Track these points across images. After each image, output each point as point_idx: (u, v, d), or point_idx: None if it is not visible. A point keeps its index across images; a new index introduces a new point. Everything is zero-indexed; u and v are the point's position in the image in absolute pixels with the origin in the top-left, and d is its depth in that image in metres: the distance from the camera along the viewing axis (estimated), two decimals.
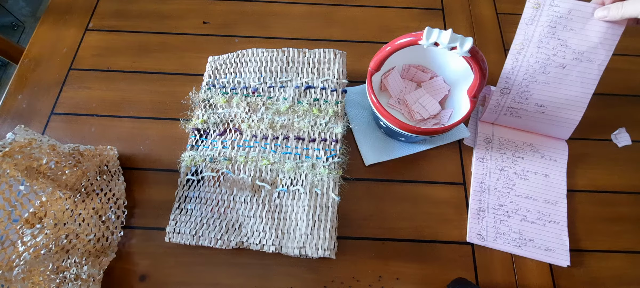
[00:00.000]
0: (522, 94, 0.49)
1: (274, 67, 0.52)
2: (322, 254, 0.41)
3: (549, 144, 0.51)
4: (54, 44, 0.59)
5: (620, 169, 0.51)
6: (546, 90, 0.48)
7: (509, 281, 0.44)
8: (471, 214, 0.47)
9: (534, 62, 0.47)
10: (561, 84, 0.47)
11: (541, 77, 0.47)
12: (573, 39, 0.46)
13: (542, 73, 0.47)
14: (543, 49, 0.47)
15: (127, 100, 0.54)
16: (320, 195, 0.45)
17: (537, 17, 0.46)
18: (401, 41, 0.41)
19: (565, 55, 0.46)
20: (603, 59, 0.46)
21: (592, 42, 0.45)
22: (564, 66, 0.47)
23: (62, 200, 0.44)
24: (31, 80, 0.56)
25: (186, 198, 0.46)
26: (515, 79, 0.48)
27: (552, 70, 0.47)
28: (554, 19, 0.46)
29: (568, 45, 0.46)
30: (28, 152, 0.38)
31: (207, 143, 0.49)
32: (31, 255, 0.39)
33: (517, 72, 0.48)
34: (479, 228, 0.47)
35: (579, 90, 0.47)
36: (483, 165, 0.50)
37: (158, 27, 0.61)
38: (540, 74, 0.47)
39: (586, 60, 0.46)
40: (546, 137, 0.52)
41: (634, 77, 0.58)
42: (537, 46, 0.47)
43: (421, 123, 0.52)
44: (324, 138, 0.48)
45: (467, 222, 0.47)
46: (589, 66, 0.46)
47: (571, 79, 0.47)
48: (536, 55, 0.47)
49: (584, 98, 0.47)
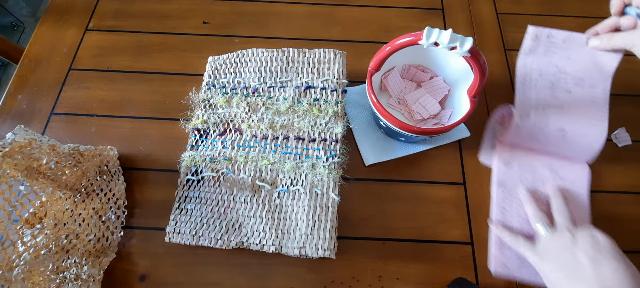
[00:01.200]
0: (541, 118, 0.47)
1: (274, 67, 0.52)
2: (322, 254, 0.41)
3: (570, 167, 0.49)
4: (54, 44, 0.59)
5: (620, 169, 0.51)
6: (563, 115, 0.46)
7: (509, 281, 0.44)
8: (494, 243, 0.45)
9: (541, 88, 0.47)
10: (573, 108, 0.46)
11: (554, 102, 0.46)
12: (571, 67, 0.47)
13: (553, 98, 0.46)
14: (545, 76, 0.47)
15: (127, 100, 0.54)
16: (320, 195, 0.45)
17: (534, 47, 0.48)
18: (401, 41, 0.41)
19: (568, 82, 0.47)
20: (605, 84, 0.46)
21: (590, 69, 0.46)
22: (570, 91, 0.46)
23: (62, 200, 0.44)
24: (31, 80, 0.56)
25: (186, 199, 0.46)
26: (530, 104, 0.47)
27: (561, 95, 0.46)
28: (551, 49, 0.48)
29: (568, 72, 0.47)
30: (28, 152, 0.38)
31: (207, 143, 0.49)
32: (31, 255, 0.39)
33: (529, 97, 0.47)
34: (502, 257, 0.44)
35: (593, 114, 0.46)
36: (504, 191, 0.48)
37: (158, 27, 0.61)
38: (552, 99, 0.46)
39: (589, 86, 0.46)
40: (567, 160, 0.49)
41: (634, 76, 0.58)
42: (539, 74, 0.47)
43: (421, 123, 0.52)
44: (324, 138, 0.48)
45: (490, 251, 0.45)
46: (592, 91, 0.46)
47: (581, 104, 0.46)
48: (541, 82, 0.47)
49: (601, 122, 0.45)
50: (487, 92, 0.56)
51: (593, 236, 0.38)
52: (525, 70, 0.48)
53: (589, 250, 0.37)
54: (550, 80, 0.47)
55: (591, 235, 0.38)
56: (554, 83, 0.47)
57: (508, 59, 0.59)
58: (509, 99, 0.56)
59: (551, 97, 0.47)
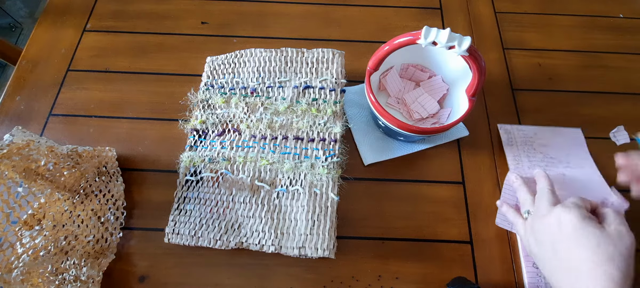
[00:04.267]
0: None
1: (273, 67, 0.52)
2: (322, 254, 0.41)
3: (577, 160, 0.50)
4: (52, 45, 0.59)
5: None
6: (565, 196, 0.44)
7: (509, 280, 0.44)
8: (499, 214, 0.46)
9: None
10: (570, 188, 0.46)
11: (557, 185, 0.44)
12: (552, 152, 0.50)
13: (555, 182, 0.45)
14: (534, 161, 0.49)
15: (125, 101, 0.54)
16: (320, 195, 0.45)
17: (512, 139, 0.51)
18: (399, 40, 0.41)
19: (557, 165, 0.49)
20: (589, 163, 0.49)
21: (567, 154, 0.50)
22: (564, 174, 0.48)
23: (60, 202, 0.44)
24: (29, 81, 0.56)
25: (185, 199, 0.46)
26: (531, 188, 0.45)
27: (558, 179, 0.47)
28: (526, 140, 0.51)
29: (552, 157, 0.49)
30: (26, 154, 0.38)
31: (206, 143, 0.49)
32: (30, 257, 0.39)
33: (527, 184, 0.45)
34: None
35: (599, 190, 0.46)
36: None
37: (156, 28, 0.61)
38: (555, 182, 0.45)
39: (578, 167, 0.48)
40: None
41: (633, 75, 0.58)
42: (529, 159, 0.49)
43: (420, 122, 0.52)
44: (323, 138, 0.48)
45: None
46: (581, 171, 0.48)
47: (581, 183, 0.47)
48: (533, 168, 0.48)
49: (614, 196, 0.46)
50: (486, 91, 0.56)
51: (558, 216, 0.37)
52: (515, 158, 0.49)
53: (554, 231, 0.36)
54: (541, 164, 0.49)
55: (557, 215, 0.37)
56: (547, 166, 0.49)
57: (506, 58, 0.59)
58: (508, 99, 0.56)
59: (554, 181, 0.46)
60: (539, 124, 0.53)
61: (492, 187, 0.50)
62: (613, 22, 0.64)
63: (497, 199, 0.47)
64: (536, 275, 0.44)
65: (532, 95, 0.56)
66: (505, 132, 0.52)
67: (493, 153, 0.52)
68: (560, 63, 0.59)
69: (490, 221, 0.47)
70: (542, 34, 0.62)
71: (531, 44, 0.61)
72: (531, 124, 0.53)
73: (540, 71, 0.58)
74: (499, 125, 0.52)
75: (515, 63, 0.59)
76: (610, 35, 0.62)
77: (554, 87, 0.57)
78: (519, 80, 0.57)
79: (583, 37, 0.62)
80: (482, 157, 0.51)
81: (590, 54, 0.60)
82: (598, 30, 0.63)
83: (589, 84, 0.57)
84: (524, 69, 0.58)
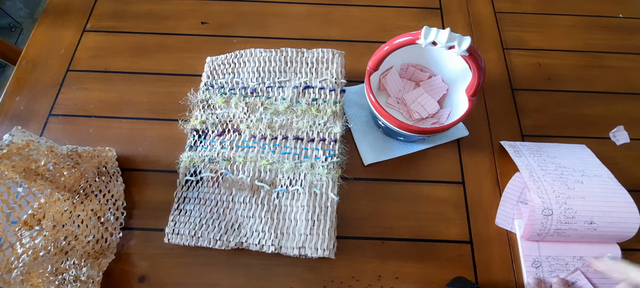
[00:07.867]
0: (566, 212, 0.43)
1: (273, 67, 0.52)
2: (322, 254, 0.41)
3: (599, 250, 0.46)
4: (52, 45, 0.59)
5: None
6: (587, 206, 0.43)
7: (508, 280, 0.44)
8: None
9: (552, 181, 0.45)
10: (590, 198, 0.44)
11: (571, 193, 0.44)
12: (564, 162, 0.47)
13: (568, 188, 0.44)
14: (549, 171, 0.46)
15: (125, 101, 0.54)
16: (319, 195, 0.45)
17: (519, 152, 0.49)
18: (399, 40, 0.41)
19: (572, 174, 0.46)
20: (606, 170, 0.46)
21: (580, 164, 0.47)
22: (582, 182, 0.45)
23: (60, 202, 0.44)
24: (29, 81, 0.56)
25: (185, 199, 0.46)
26: (549, 198, 0.44)
27: (574, 185, 0.45)
28: (534, 152, 0.49)
29: (565, 166, 0.47)
30: (26, 154, 0.38)
31: (206, 143, 0.49)
32: (30, 257, 0.39)
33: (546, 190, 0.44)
34: None
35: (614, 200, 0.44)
36: None
37: (156, 28, 0.61)
38: (569, 190, 0.44)
39: (593, 176, 0.46)
40: (597, 244, 0.46)
41: (633, 75, 0.58)
42: (543, 169, 0.46)
43: (420, 122, 0.52)
44: (323, 138, 0.48)
45: None
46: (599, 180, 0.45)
47: (597, 192, 0.44)
48: (547, 177, 0.45)
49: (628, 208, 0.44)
50: (486, 91, 0.56)
51: None
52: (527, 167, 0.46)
53: None
54: (555, 172, 0.46)
55: None
56: (562, 175, 0.46)
57: (506, 58, 0.59)
58: (507, 98, 0.56)
59: (566, 188, 0.44)
60: (539, 124, 0.53)
61: (492, 187, 0.50)
62: (613, 22, 0.64)
63: (497, 199, 0.47)
64: (536, 275, 0.44)
65: (532, 95, 0.56)
66: (511, 146, 0.50)
67: (493, 153, 0.52)
68: (560, 63, 0.59)
69: (490, 221, 0.47)
70: (542, 34, 0.62)
71: (531, 44, 0.61)
72: (531, 124, 0.53)
73: (540, 71, 0.58)
74: (502, 142, 0.51)
75: (515, 63, 0.59)
76: (609, 35, 0.62)
77: (553, 87, 0.57)
78: (518, 80, 0.57)
79: (583, 37, 0.62)
80: (482, 157, 0.52)
81: (589, 53, 0.60)
82: (598, 30, 0.63)
83: (588, 84, 0.58)
84: (523, 69, 0.58)
